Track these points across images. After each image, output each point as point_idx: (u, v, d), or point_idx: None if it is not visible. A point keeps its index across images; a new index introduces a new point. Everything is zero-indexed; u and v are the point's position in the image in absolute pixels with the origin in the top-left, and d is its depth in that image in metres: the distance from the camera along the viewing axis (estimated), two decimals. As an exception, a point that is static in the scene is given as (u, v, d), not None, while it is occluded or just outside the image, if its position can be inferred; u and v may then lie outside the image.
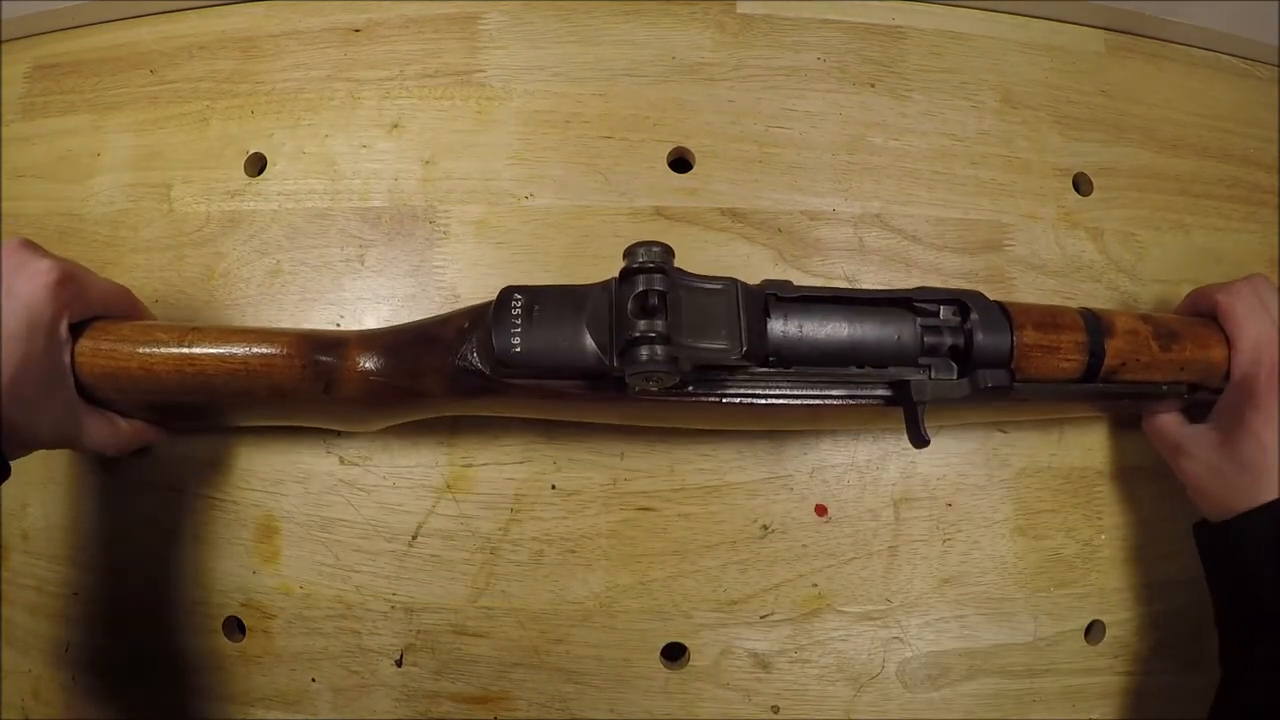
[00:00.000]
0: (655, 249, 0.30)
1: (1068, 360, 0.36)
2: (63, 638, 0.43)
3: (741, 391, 0.34)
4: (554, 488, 0.41)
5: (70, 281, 0.33)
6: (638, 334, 0.29)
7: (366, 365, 0.34)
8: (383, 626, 0.41)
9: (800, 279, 0.43)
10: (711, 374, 0.33)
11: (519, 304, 0.31)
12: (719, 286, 0.32)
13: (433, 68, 0.45)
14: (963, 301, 0.35)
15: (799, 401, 0.34)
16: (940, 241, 0.45)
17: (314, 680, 0.41)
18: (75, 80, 0.48)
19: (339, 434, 0.41)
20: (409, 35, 0.46)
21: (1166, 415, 0.41)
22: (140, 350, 0.34)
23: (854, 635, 0.42)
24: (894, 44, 0.47)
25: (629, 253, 0.31)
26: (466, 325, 0.33)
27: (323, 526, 0.42)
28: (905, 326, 0.34)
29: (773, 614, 0.41)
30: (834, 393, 0.34)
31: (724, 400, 0.34)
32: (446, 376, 0.33)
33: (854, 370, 0.34)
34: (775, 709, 0.41)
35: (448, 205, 0.44)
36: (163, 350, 0.34)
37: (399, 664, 0.41)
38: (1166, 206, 0.48)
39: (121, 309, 0.37)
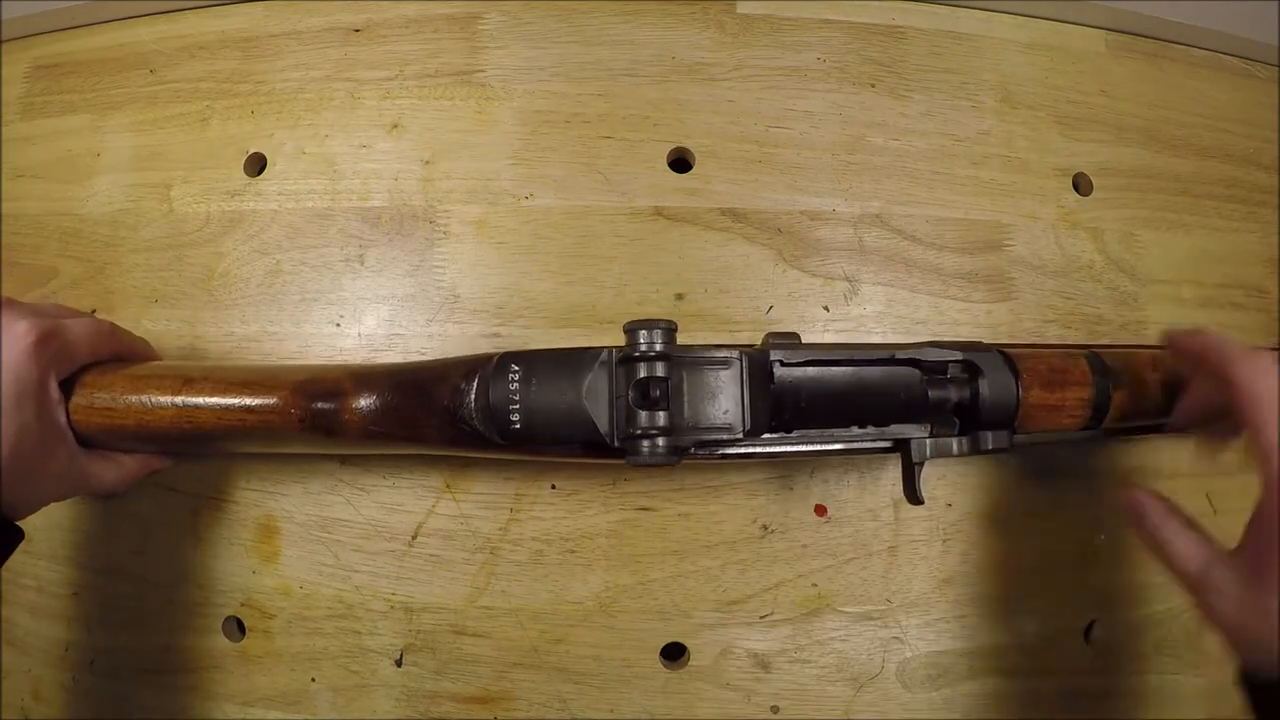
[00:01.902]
0: (657, 331, 0.30)
1: (1071, 417, 0.36)
2: (63, 638, 0.43)
3: (741, 452, 0.34)
4: (554, 487, 0.41)
5: (51, 339, 0.32)
6: (639, 430, 0.29)
7: (365, 414, 0.33)
8: (383, 626, 0.41)
9: (800, 279, 0.43)
10: (715, 444, 0.33)
11: (516, 375, 0.31)
12: (722, 359, 0.32)
13: (433, 68, 0.45)
14: (972, 361, 0.34)
15: (797, 456, 0.34)
16: (940, 241, 0.45)
17: (314, 680, 0.41)
18: (75, 80, 0.48)
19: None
20: (409, 35, 0.46)
21: (1183, 546, 0.33)
22: (135, 404, 0.34)
23: (854, 635, 0.42)
24: (894, 44, 0.47)
25: (629, 332, 0.31)
26: (463, 385, 0.33)
27: (323, 526, 0.42)
28: (911, 385, 0.33)
29: (772, 614, 0.41)
30: (834, 448, 0.34)
31: (725, 459, 0.34)
32: (445, 434, 0.33)
33: (855, 431, 0.34)
34: (775, 709, 0.41)
35: (448, 205, 0.44)
36: (158, 403, 0.34)
37: (399, 664, 0.41)
38: (1166, 206, 0.48)
39: (109, 349, 0.36)
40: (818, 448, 0.34)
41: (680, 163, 0.45)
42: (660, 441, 0.29)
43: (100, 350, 0.36)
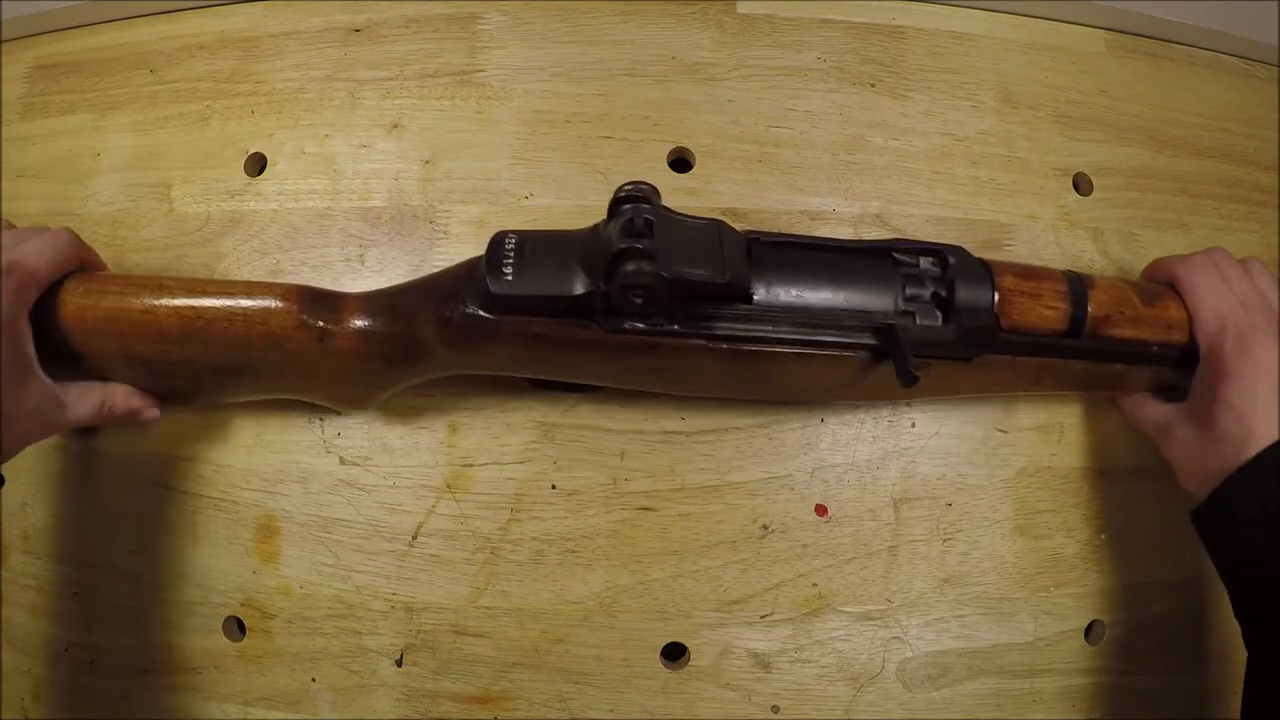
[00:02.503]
0: (643, 186, 0.31)
1: (1050, 308, 0.36)
2: (63, 638, 0.43)
3: (728, 330, 0.33)
4: (554, 487, 0.41)
5: (13, 271, 0.32)
6: (624, 246, 0.29)
7: (362, 317, 0.34)
8: (383, 626, 0.41)
9: (800, 279, 0.43)
10: (698, 309, 0.33)
11: (512, 244, 0.32)
12: (703, 223, 0.33)
13: (433, 68, 0.45)
14: (941, 252, 0.35)
15: (787, 348, 0.33)
16: (940, 241, 0.45)
17: (314, 680, 0.41)
18: (75, 80, 0.48)
19: (339, 433, 0.41)
20: (409, 35, 0.46)
21: (1151, 407, 0.41)
22: (139, 304, 0.34)
23: (854, 635, 0.42)
24: (894, 44, 0.47)
25: (617, 190, 0.31)
26: (463, 273, 0.34)
27: (323, 526, 0.42)
28: (887, 274, 0.35)
29: (773, 614, 0.41)
30: (823, 338, 0.34)
31: (711, 343, 0.33)
32: (439, 320, 0.34)
33: (841, 310, 0.34)
34: (775, 709, 0.41)
35: (448, 205, 0.44)
36: (164, 303, 0.34)
37: (399, 664, 0.41)
38: (1166, 206, 0.48)
39: (75, 260, 0.36)
40: (805, 338, 0.33)
41: (680, 163, 0.45)
42: (645, 263, 0.29)
43: (66, 264, 0.35)
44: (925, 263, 0.35)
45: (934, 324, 0.34)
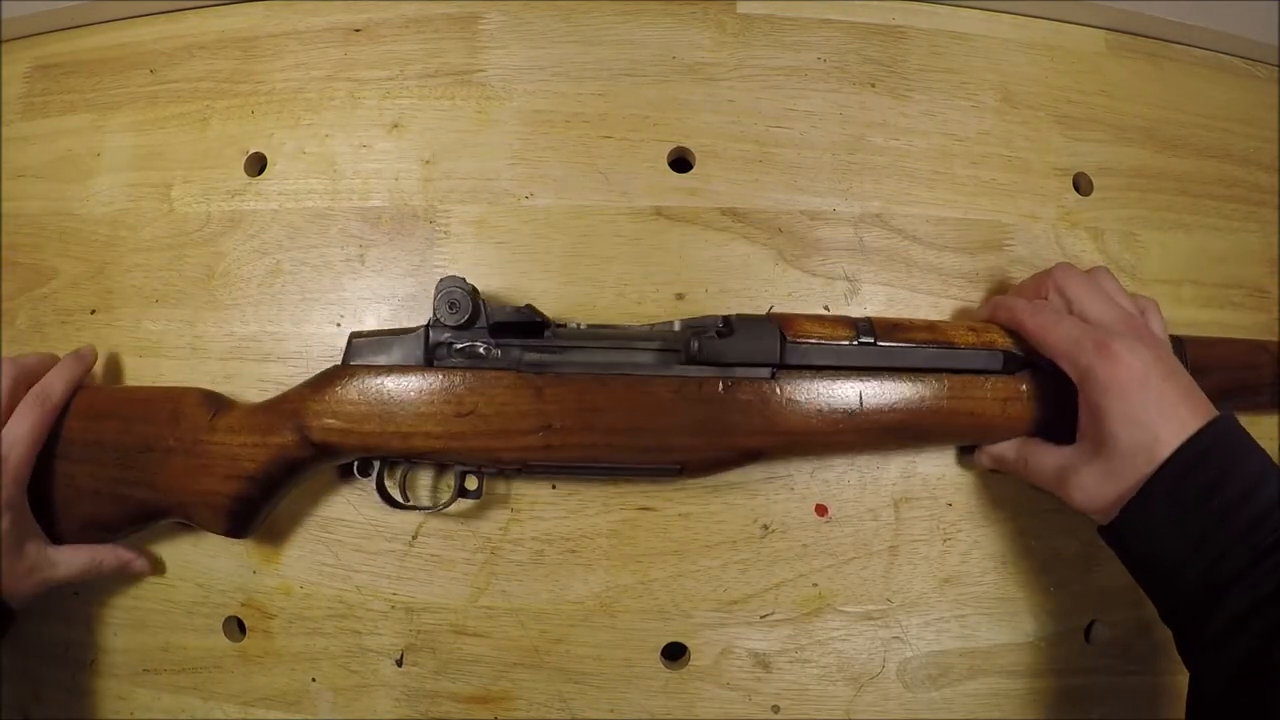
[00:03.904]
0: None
1: (835, 321, 0.39)
2: (63, 638, 0.43)
3: (535, 359, 0.37)
4: (554, 487, 0.41)
5: (8, 462, 0.36)
6: (444, 277, 0.36)
7: (247, 406, 0.39)
8: (383, 626, 0.41)
9: (800, 279, 0.43)
10: (508, 342, 0.37)
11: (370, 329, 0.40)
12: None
13: (433, 68, 0.45)
14: (725, 319, 0.38)
15: (590, 371, 0.37)
16: (940, 241, 0.45)
17: (314, 680, 0.41)
18: (75, 80, 0.48)
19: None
20: (409, 35, 0.46)
21: (1042, 457, 0.38)
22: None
23: (854, 635, 0.42)
24: (894, 44, 0.47)
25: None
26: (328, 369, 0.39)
27: (323, 526, 0.42)
28: (675, 331, 0.38)
29: (773, 614, 0.41)
30: (618, 359, 0.37)
31: (521, 369, 0.37)
32: (310, 387, 0.38)
33: (634, 327, 0.38)
34: (776, 708, 0.41)
35: (448, 205, 0.44)
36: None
37: (399, 664, 0.41)
38: (1166, 206, 0.48)
39: (61, 396, 0.39)
40: (606, 359, 0.37)
41: (680, 162, 0.45)
42: (459, 280, 0.36)
43: (49, 419, 0.38)
44: (709, 322, 0.38)
45: (719, 338, 0.37)
